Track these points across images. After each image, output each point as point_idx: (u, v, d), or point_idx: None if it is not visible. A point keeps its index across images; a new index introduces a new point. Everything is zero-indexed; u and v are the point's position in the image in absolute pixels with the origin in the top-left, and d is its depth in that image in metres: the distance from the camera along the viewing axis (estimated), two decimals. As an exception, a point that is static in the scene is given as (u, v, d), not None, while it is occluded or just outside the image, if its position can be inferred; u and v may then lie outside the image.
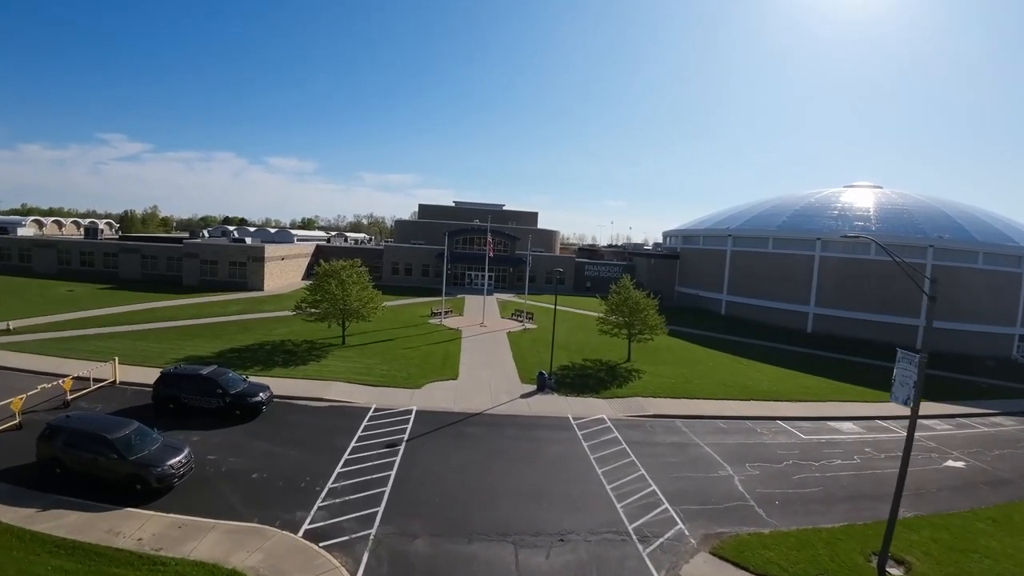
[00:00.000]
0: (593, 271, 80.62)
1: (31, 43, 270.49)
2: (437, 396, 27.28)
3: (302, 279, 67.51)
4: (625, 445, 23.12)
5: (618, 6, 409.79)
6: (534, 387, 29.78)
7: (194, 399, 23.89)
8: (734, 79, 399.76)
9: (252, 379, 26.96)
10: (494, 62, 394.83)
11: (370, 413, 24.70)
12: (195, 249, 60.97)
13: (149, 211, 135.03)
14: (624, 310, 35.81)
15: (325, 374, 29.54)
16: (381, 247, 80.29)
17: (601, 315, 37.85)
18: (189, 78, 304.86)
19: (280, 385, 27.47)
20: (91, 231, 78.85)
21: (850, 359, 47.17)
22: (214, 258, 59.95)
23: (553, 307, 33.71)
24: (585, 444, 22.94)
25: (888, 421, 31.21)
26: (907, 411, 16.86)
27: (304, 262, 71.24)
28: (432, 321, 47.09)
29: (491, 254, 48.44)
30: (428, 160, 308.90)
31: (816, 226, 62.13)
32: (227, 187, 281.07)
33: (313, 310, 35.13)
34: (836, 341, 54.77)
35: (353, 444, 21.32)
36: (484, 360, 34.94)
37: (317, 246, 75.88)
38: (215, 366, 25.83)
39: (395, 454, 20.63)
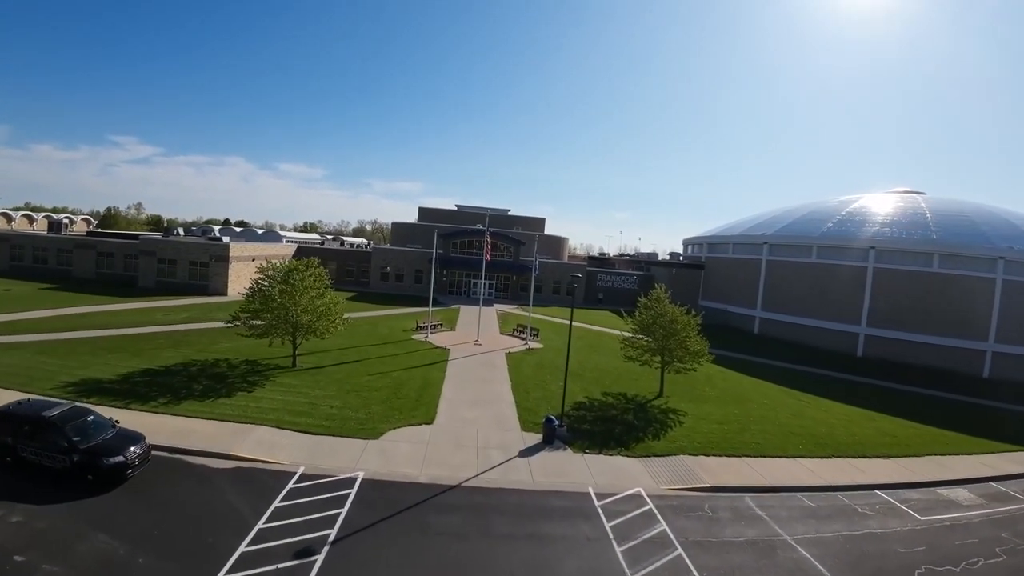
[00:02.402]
0: (606, 281, 72.27)
1: (42, 45, 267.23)
2: (399, 453, 18.96)
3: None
4: (680, 550, 14.71)
5: (620, 11, 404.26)
6: (539, 437, 21.43)
7: (34, 453, 15.99)
8: (730, 86, 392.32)
9: (137, 420, 19.10)
10: (492, 73, 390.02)
11: (291, 483, 16.44)
12: (152, 246, 53.16)
13: (133, 208, 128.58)
14: (657, 331, 27.45)
15: (250, 413, 21.39)
16: (369, 250, 72.35)
17: (627, 335, 29.48)
18: (201, 83, 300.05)
19: (181, 429, 19.50)
20: (55, 226, 71.89)
21: (916, 391, 39.16)
22: (173, 256, 52.09)
23: (569, 323, 25.50)
24: (618, 549, 14.53)
25: (1005, 483, 23.58)
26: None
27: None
28: (416, 337, 38.76)
29: (488, 257, 40.27)
30: (435, 169, 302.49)
31: (867, 233, 53.90)
32: (235, 191, 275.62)
33: (256, 322, 27.04)
34: (892, 367, 46.58)
35: (243, 548, 13.08)
36: (473, 393, 26.65)
37: (298, 247, 68.01)
38: (72, 404, 17.87)
39: (307, 571, 12.41)
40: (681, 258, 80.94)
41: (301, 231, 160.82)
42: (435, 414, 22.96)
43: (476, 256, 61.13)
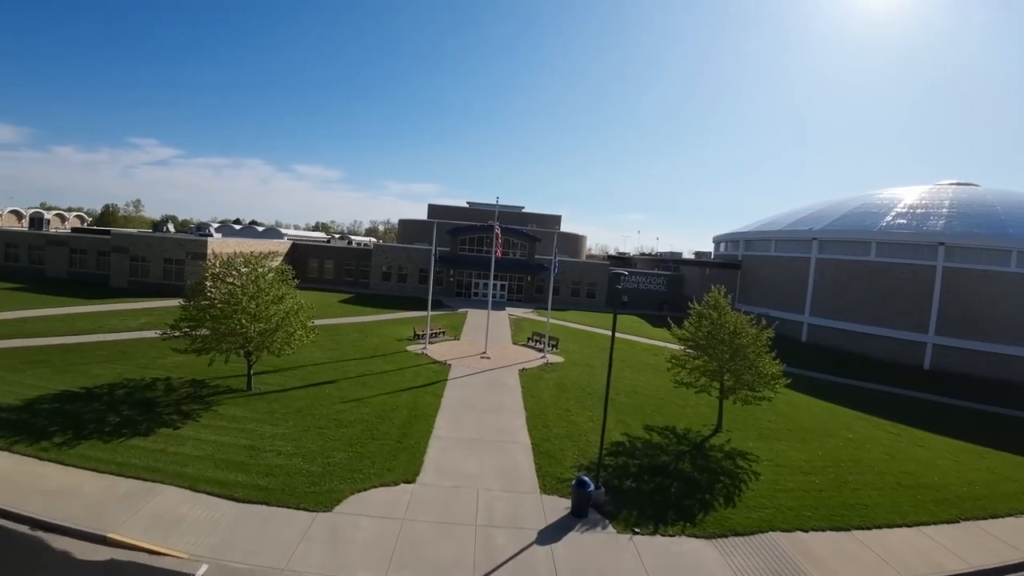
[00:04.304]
0: (631, 283, 65.70)
1: (63, 48, 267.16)
2: (358, 540, 12.64)
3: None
4: None
5: (631, 8, 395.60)
6: (565, 503, 15.11)
7: None
8: (738, 88, 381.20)
9: (11, 470, 13.36)
10: (507, 76, 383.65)
11: (177, 601, 10.44)
12: (124, 242, 47.74)
13: (132, 206, 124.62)
14: (719, 348, 20.94)
15: (162, 463, 15.41)
16: (370, 247, 66.58)
17: (679, 350, 22.98)
18: (221, 85, 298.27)
19: (60, 487, 13.69)
20: (36, 222, 67.44)
21: (1005, 412, 32.16)
22: (146, 254, 46.70)
23: (610, 335, 19.18)
24: None
25: None
26: None
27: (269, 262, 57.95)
28: (412, 348, 32.53)
29: (499, 254, 34.03)
30: (452, 172, 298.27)
31: (934, 228, 46.79)
32: (253, 193, 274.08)
33: (201, 332, 21.05)
34: (965, 382, 39.68)
35: None
36: (476, 430, 20.30)
37: (292, 244, 62.43)
38: None
39: None
40: (712, 257, 74.04)
41: (312, 231, 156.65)
42: (420, 465, 16.60)
43: (487, 255, 55.07)
